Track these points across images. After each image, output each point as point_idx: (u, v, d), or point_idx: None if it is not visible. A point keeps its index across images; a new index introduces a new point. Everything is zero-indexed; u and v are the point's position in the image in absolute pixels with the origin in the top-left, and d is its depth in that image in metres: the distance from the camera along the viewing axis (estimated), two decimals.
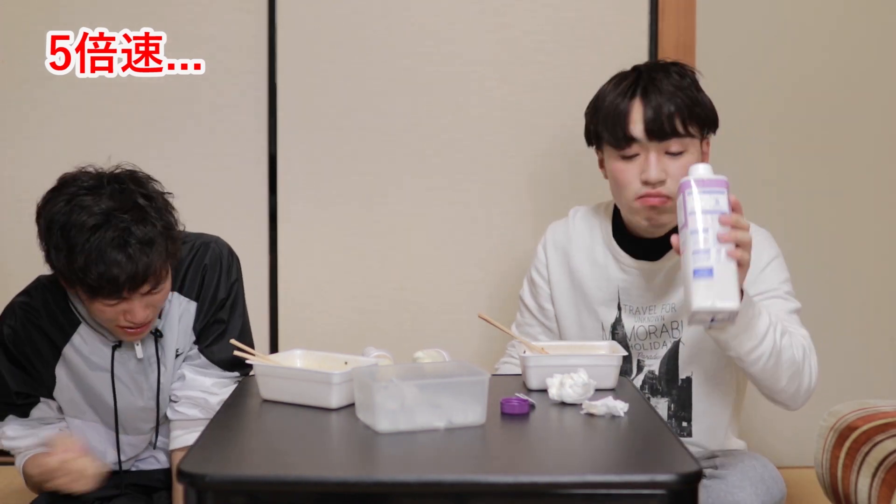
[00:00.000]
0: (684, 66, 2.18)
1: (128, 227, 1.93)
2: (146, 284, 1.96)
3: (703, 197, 1.84)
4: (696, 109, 2.12)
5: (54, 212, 1.95)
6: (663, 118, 2.09)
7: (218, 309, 2.18)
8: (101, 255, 1.90)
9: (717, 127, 2.19)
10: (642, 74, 2.15)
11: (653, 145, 2.10)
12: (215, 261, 2.19)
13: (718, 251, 1.81)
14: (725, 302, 1.81)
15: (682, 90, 2.12)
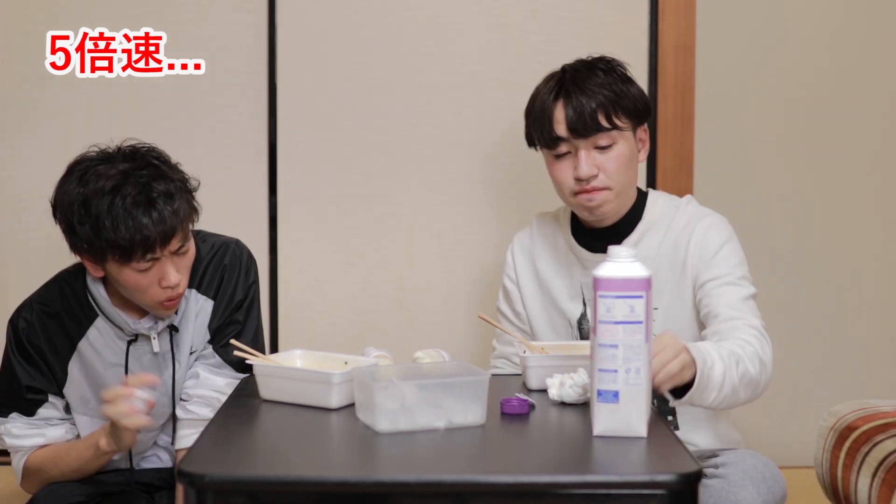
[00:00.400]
0: (611, 62, 2.22)
1: (148, 183, 1.95)
2: (175, 238, 1.97)
3: (616, 303, 1.65)
4: (621, 102, 2.15)
5: (70, 191, 1.98)
6: (585, 115, 2.13)
7: (235, 310, 2.19)
8: (127, 214, 1.92)
9: (649, 115, 2.23)
10: (566, 73, 2.20)
11: (580, 142, 2.15)
12: (234, 262, 2.20)
13: (627, 372, 1.65)
14: (630, 431, 1.66)
15: (605, 86, 2.15)
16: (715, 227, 2.19)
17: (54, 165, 2.10)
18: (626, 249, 1.69)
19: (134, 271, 1.98)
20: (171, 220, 1.95)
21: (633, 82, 2.21)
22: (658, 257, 2.19)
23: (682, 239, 2.19)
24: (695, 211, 2.24)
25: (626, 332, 1.65)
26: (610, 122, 2.15)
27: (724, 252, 2.16)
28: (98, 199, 1.93)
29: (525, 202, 2.86)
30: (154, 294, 2.02)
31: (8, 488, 2.60)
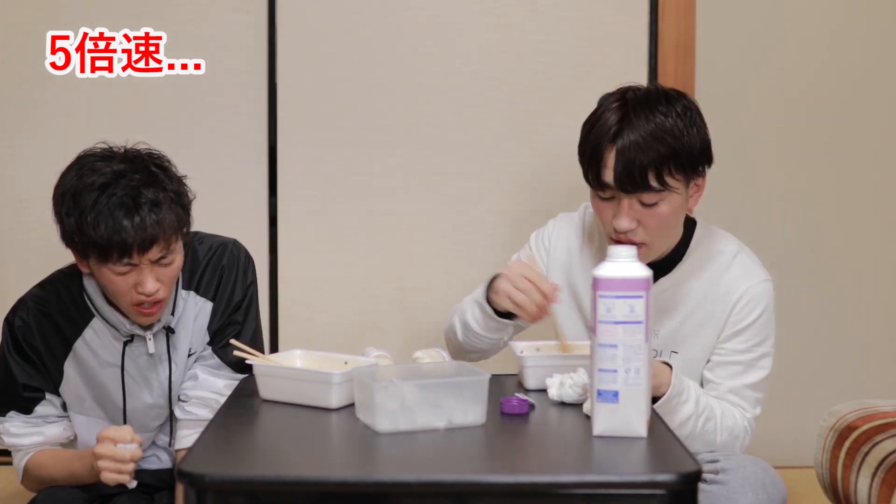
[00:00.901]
0: (674, 101, 2.06)
1: (137, 188, 1.94)
2: (155, 247, 1.95)
3: (616, 303, 1.65)
4: (678, 158, 2.01)
5: (67, 181, 1.99)
6: (634, 171, 2.00)
7: (234, 311, 2.19)
8: (109, 213, 1.91)
9: (708, 164, 2.10)
10: (627, 112, 2.03)
11: (625, 195, 2.04)
12: (233, 263, 2.19)
13: (627, 372, 1.66)
14: (630, 431, 1.67)
15: (661, 137, 2.00)
16: (758, 297, 2.11)
17: (54, 165, 2.10)
18: (626, 249, 1.69)
19: (111, 273, 1.97)
20: (152, 228, 1.93)
21: (696, 124, 2.06)
22: (696, 306, 2.14)
23: (723, 297, 2.12)
24: (741, 270, 2.14)
25: (626, 332, 1.65)
26: (660, 182, 2.01)
27: (755, 327, 2.11)
28: (86, 194, 1.93)
29: (525, 202, 2.86)
30: (130, 298, 2.00)
31: (8, 488, 2.60)
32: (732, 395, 2.11)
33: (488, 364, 2.78)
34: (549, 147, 2.86)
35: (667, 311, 2.14)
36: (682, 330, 2.14)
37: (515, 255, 2.38)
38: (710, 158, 2.09)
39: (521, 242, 2.85)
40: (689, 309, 2.14)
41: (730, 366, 2.11)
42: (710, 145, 2.09)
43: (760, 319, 2.12)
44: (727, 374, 2.12)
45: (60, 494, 2.08)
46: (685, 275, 2.15)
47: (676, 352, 2.14)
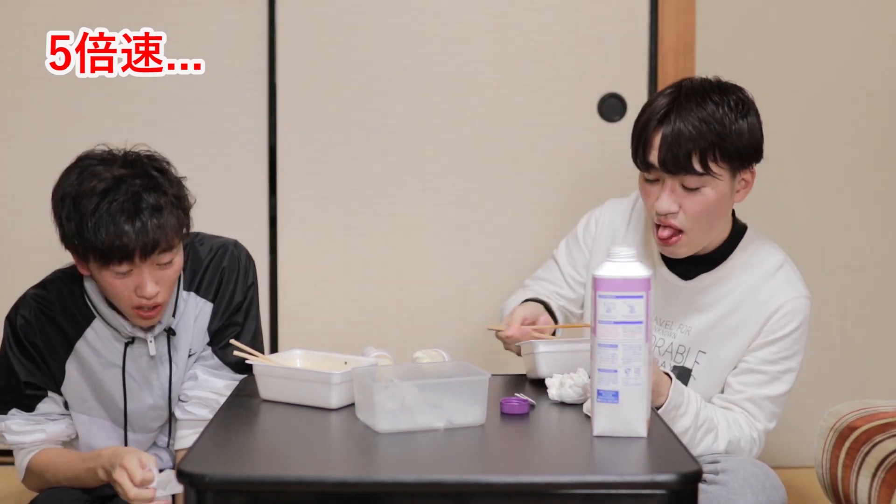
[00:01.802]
0: (729, 92, 2.06)
1: (138, 192, 1.94)
2: (156, 251, 1.95)
3: (616, 303, 1.65)
4: (723, 144, 2.01)
5: (67, 184, 1.98)
6: (679, 153, 2.00)
7: (234, 312, 2.19)
8: (111, 219, 1.91)
9: (757, 158, 2.09)
10: (679, 97, 2.05)
11: (668, 176, 2.04)
12: (233, 264, 2.19)
13: (627, 372, 1.66)
14: (630, 431, 1.67)
15: (710, 122, 2.01)
16: (796, 311, 2.10)
17: (54, 165, 2.10)
18: (626, 249, 1.69)
19: (112, 275, 1.97)
20: (154, 232, 1.93)
21: (748, 117, 2.05)
22: (732, 309, 2.12)
23: (763, 311, 2.10)
24: (783, 281, 2.12)
25: (625, 332, 1.65)
26: (704, 167, 2.01)
27: (788, 340, 2.10)
28: (87, 199, 1.94)
29: (526, 202, 2.86)
30: (130, 301, 2.01)
31: (8, 488, 2.60)
32: (750, 403, 2.10)
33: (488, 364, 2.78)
34: (549, 147, 2.86)
35: (702, 309, 2.14)
36: (714, 330, 2.13)
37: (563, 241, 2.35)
38: (759, 153, 2.08)
39: (522, 242, 2.86)
40: (725, 310, 2.12)
41: (755, 374, 2.10)
42: (760, 141, 2.08)
43: (795, 334, 2.10)
44: (750, 381, 2.10)
45: (62, 495, 2.08)
46: (726, 275, 2.14)
47: (705, 352, 2.13)
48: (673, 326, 2.15)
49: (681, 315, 2.15)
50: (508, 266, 2.85)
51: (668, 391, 1.96)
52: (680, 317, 2.15)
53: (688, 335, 2.14)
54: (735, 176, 2.06)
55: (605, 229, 2.27)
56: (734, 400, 2.11)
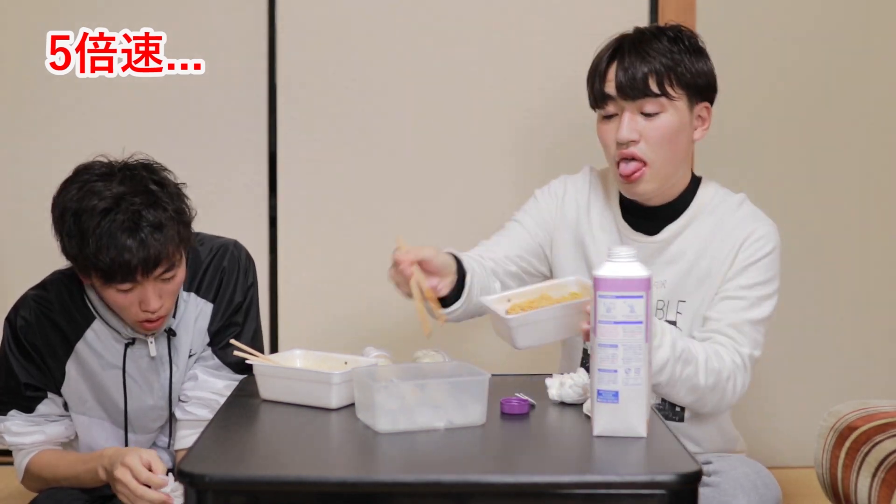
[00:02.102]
0: (682, 31, 2.15)
1: (138, 211, 1.94)
2: (159, 268, 1.96)
3: (616, 303, 1.66)
4: (677, 69, 2.09)
5: (67, 199, 1.98)
6: (636, 77, 2.07)
7: (234, 312, 2.19)
8: (112, 239, 1.92)
9: (712, 93, 2.16)
10: (632, 35, 2.15)
11: (627, 104, 2.09)
12: (233, 264, 2.20)
13: (627, 372, 1.66)
14: (630, 431, 1.68)
15: (664, 53, 2.09)
16: (768, 236, 2.14)
17: (54, 165, 2.10)
18: (626, 249, 1.69)
19: (115, 291, 1.98)
20: (155, 249, 1.94)
21: (701, 56, 2.14)
22: (702, 250, 2.13)
23: (733, 241, 2.12)
24: (748, 213, 2.18)
25: (625, 333, 1.65)
26: (660, 89, 2.08)
27: (761, 265, 2.11)
28: (88, 217, 1.93)
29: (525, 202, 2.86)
30: (133, 314, 2.02)
31: (8, 488, 2.60)
32: (731, 328, 2.07)
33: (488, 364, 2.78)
34: (549, 147, 2.86)
35: (673, 260, 2.14)
36: (689, 277, 2.13)
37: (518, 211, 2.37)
38: (712, 89, 2.14)
39: None
40: (694, 255, 2.13)
41: (733, 300, 2.08)
42: (712, 77, 2.15)
43: (769, 257, 2.12)
44: (729, 308, 2.08)
45: (61, 495, 2.09)
46: (690, 222, 2.16)
47: (684, 301, 2.12)
48: None
49: (656, 272, 2.11)
50: None
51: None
52: (655, 274, 2.12)
53: (664, 288, 2.14)
54: (692, 108, 2.12)
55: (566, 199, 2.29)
56: (714, 328, 2.07)
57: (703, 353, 2.01)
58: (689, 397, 2.02)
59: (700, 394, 2.02)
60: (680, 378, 1.97)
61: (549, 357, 2.47)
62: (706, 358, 2.01)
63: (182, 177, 2.67)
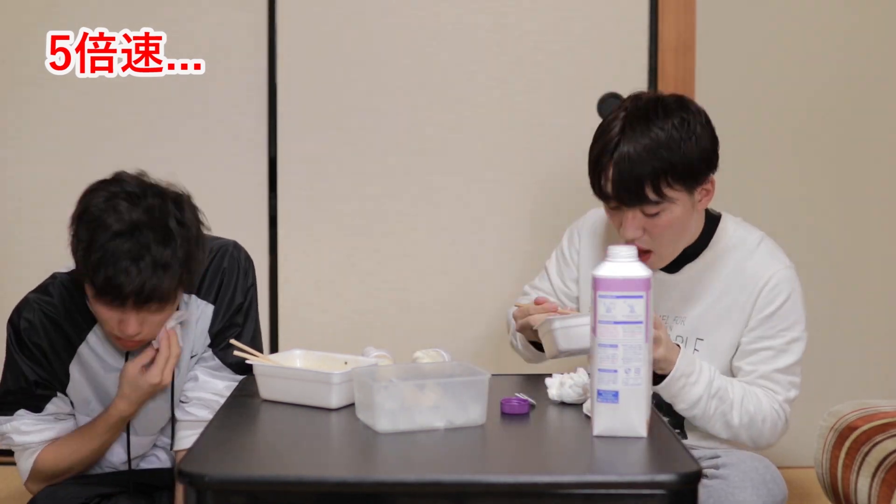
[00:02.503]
0: (671, 114, 2.04)
1: (148, 244, 1.92)
2: (151, 304, 1.95)
3: (616, 303, 1.66)
4: (674, 170, 2.00)
5: (93, 202, 1.96)
6: (631, 184, 2.00)
7: (235, 313, 2.19)
8: (114, 261, 1.90)
9: (711, 170, 2.08)
10: (625, 125, 2.03)
11: (626, 207, 2.04)
12: (233, 265, 2.19)
13: (627, 372, 1.66)
14: (630, 431, 1.67)
15: (656, 150, 2.00)
16: (783, 283, 2.11)
17: (54, 165, 2.11)
18: (626, 249, 1.69)
19: (102, 307, 1.97)
20: (150, 286, 1.92)
21: (696, 135, 2.03)
22: (722, 292, 2.13)
23: (751, 289, 2.11)
24: (765, 257, 2.14)
25: (625, 333, 1.65)
26: (658, 194, 2.01)
27: (781, 313, 2.11)
28: (101, 232, 1.92)
29: (525, 202, 2.86)
30: (110, 329, 2.00)
31: (7, 489, 2.59)
32: (763, 380, 2.11)
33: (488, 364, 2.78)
34: (549, 147, 2.86)
35: (693, 298, 2.15)
36: (707, 316, 2.14)
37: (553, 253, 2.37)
38: (712, 165, 2.08)
39: (521, 242, 2.87)
40: (715, 296, 2.14)
41: (760, 352, 2.11)
42: (711, 152, 2.07)
43: (787, 304, 2.11)
44: (758, 360, 2.11)
45: (60, 494, 2.08)
46: (710, 262, 2.15)
47: (702, 339, 2.14)
48: (668, 320, 2.16)
49: (675, 308, 2.16)
50: (508, 266, 2.86)
51: (677, 359, 1.98)
52: (674, 310, 2.16)
53: (683, 325, 2.16)
54: (693, 192, 2.06)
55: (585, 240, 2.30)
56: (749, 380, 2.12)
57: (739, 394, 2.08)
58: (724, 432, 2.09)
59: (734, 431, 2.08)
60: (714, 414, 2.05)
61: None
62: (742, 398, 2.08)
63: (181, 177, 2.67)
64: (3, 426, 2.13)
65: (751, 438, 2.11)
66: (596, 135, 2.10)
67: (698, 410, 2.04)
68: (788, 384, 2.12)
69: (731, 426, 2.07)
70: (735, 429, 2.08)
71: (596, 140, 2.09)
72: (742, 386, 2.10)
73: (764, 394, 2.10)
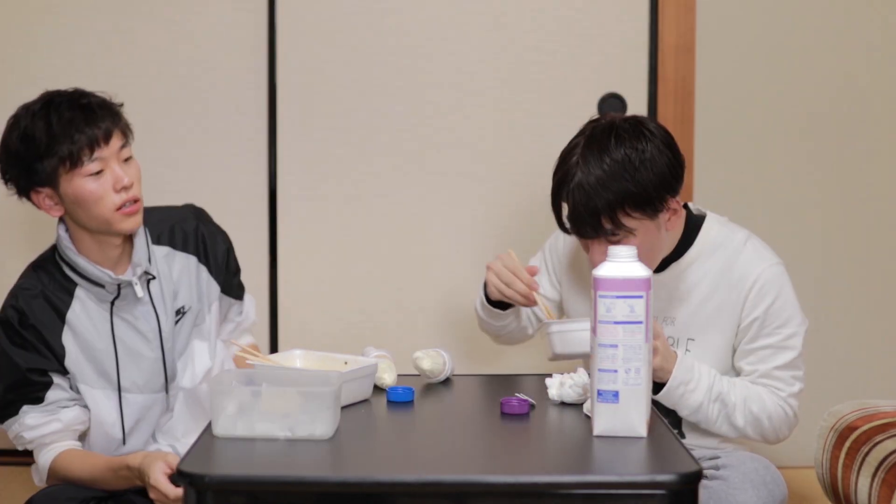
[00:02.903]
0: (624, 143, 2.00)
1: (73, 96, 2.10)
2: (116, 135, 2.08)
3: (616, 303, 1.66)
4: (631, 199, 1.97)
5: (7, 141, 2.11)
6: (587, 218, 1.98)
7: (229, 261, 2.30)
8: (66, 121, 2.05)
9: (673, 192, 2.03)
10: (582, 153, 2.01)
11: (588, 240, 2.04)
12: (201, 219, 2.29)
13: (627, 372, 1.66)
14: (630, 431, 1.68)
15: (611, 179, 1.97)
16: (771, 281, 2.11)
17: None
18: (626, 249, 1.69)
19: (87, 180, 2.06)
20: (106, 120, 2.07)
21: (651, 162, 1.99)
22: (711, 291, 2.13)
23: (740, 290, 2.11)
24: (752, 256, 2.13)
25: (625, 333, 1.65)
26: (615, 225, 1.99)
27: (773, 312, 2.10)
28: (34, 122, 2.07)
29: (525, 202, 2.86)
30: (110, 202, 2.07)
31: (7, 488, 2.59)
32: (765, 378, 2.11)
33: (489, 364, 2.78)
34: (548, 147, 2.85)
35: (681, 298, 2.14)
36: (698, 316, 2.13)
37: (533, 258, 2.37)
38: (671, 188, 2.04)
39: (521, 242, 2.85)
40: (703, 294, 2.13)
41: (758, 352, 2.11)
42: (669, 176, 2.02)
43: (777, 303, 2.11)
44: (757, 359, 2.12)
45: (58, 494, 2.08)
46: (695, 258, 2.14)
47: (693, 339, 2.13)
48: (658, 321, 2.16)
49: (664, 308, 2.15)
50: None
51: (673, 368, 2.00)
52: (663, 310, 2.15)
53: (674, 326, 2.15)
54: (655, 217, 2.03)
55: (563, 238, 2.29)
56: (752, 380, 2.13)
57: (742, 396, 2.09)
58: (731, 433, 2.11)
59: (741, 431, 2.11)
60: (717, 418, 2.08)
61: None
62: (745, 399, 2.09)
63: (182, 177, 2.69)
64: (13, 427, 2.13)
65: (760, 436, 2.13)
66: (557, 165, 2.08)
67: (701, 416, 2.06)
68: (791, 379, 2.12)
69: (736, 427, 2.09)
70: (741, 429, 2.10)
71: (556, 171, 2.07)
72: (745, 386, 2.10)
73: (767, 392, 2.10)
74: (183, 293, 2.21)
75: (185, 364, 2.22)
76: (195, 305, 2.22)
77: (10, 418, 2.13)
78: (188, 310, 2.21)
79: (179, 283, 2.21)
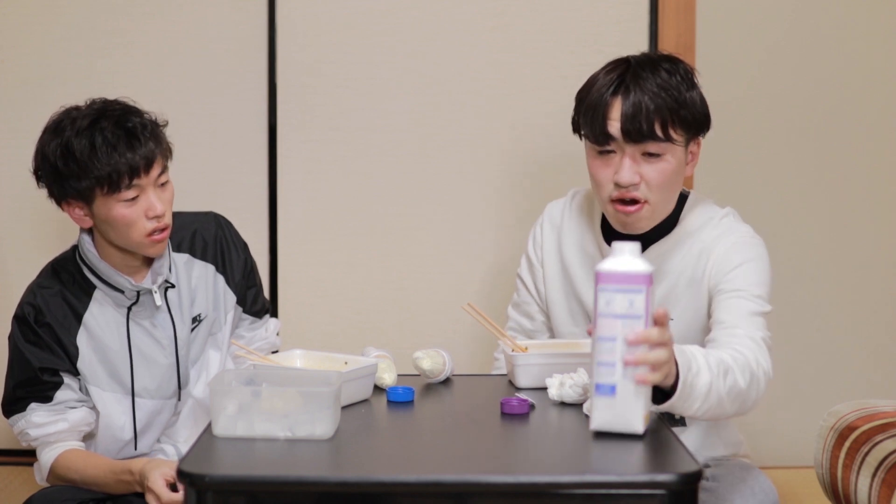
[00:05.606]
0: (677, 62, 2.11)
1: (122, 115, 2.10)
2: (156, 165, 2.08)
3: (616, 297, 1.65)
4: (680, 112, 2.05)
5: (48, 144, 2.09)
6: (641, 119, 2.02)
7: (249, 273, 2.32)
8: (110, 145, 2.04)
9: (707, 128, 2.14)
10: (630, 68, 2.08)
11: (629, 146, 2.05)
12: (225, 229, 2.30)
13: (625, 366, 1.65)
14: (627, 426, 1.66)
15: (667, 90, 2.05)
16: (742, 244, 2.10)
17: None
18: (628, 244, 1.69)
19: (121, 205, 2.05)
20: (150, 145, 2.07)
21: (695, 87, 2.11)
22: (682, 269, 2.13)
23: (706, 252, 2.12)
24: (728, 227, 2.15)
25: (625, 326, 1.65)
26: (665, 133, 2.04)
27: (746, 268, 2.07)
28: (78, 139, 2.05)
29: (525, 202, 2.86)
30: (141, 228, 2.08)
31: (7, 488, 2.60)
32: (735, 318, 2.01)
33: (489, 364, 2.78)
34: (549, 147, 2.86)
35: (661, 277, 2.13)
36: (674, 292, 2.13)
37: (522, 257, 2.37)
38: (708, 123, 2.14)
39: (521, 242, 2.85)
40: (679, 270, 2.13)
41: (727, 301, 2.04)
42: (707, 110, 2.13)
43: (750, 264, 2.07)
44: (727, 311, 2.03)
45: (55, 495, 2.08)
46: (678, 240, 2.15)
47: (672, 318, 2.11)
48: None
49: None
50: (508, 266, 2.85)
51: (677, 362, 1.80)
52: None
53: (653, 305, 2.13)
54: (687, 146, 2.11)
55: (548, 235, 2.30)
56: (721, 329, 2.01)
57: (730, 357, 1.94)
58: (733, 406, 1.90)
59: (744, 396, 1.91)
60: (726, 391, 1.86)
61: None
62: (733, 359, 1.92)
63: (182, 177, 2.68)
64: (19, 423, 2.14)
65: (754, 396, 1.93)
66: (588, 84, 2.13)
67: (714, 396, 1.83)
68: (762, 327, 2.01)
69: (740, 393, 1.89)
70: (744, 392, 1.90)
71: (590, 88, 2.11)
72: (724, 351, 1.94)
73: (741, 341, 1.97)
74: (200, 301, 2.22)
75: (199, 373, 2.22)
76: (211, 314, 2.24)
77: (17, 414, 2.13)
78: (204, 318, 2.22)
79: (197, 291, 2.23)
